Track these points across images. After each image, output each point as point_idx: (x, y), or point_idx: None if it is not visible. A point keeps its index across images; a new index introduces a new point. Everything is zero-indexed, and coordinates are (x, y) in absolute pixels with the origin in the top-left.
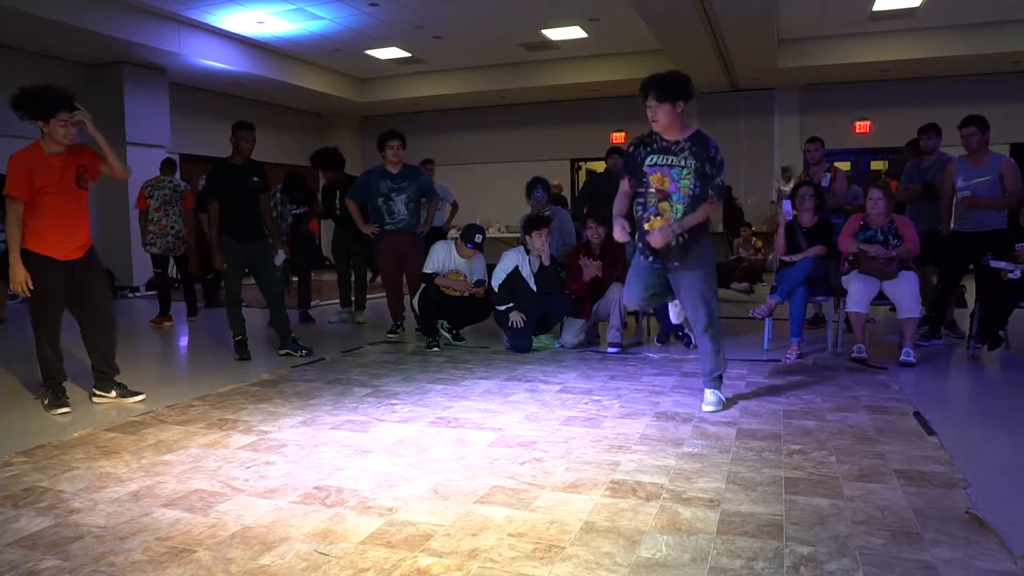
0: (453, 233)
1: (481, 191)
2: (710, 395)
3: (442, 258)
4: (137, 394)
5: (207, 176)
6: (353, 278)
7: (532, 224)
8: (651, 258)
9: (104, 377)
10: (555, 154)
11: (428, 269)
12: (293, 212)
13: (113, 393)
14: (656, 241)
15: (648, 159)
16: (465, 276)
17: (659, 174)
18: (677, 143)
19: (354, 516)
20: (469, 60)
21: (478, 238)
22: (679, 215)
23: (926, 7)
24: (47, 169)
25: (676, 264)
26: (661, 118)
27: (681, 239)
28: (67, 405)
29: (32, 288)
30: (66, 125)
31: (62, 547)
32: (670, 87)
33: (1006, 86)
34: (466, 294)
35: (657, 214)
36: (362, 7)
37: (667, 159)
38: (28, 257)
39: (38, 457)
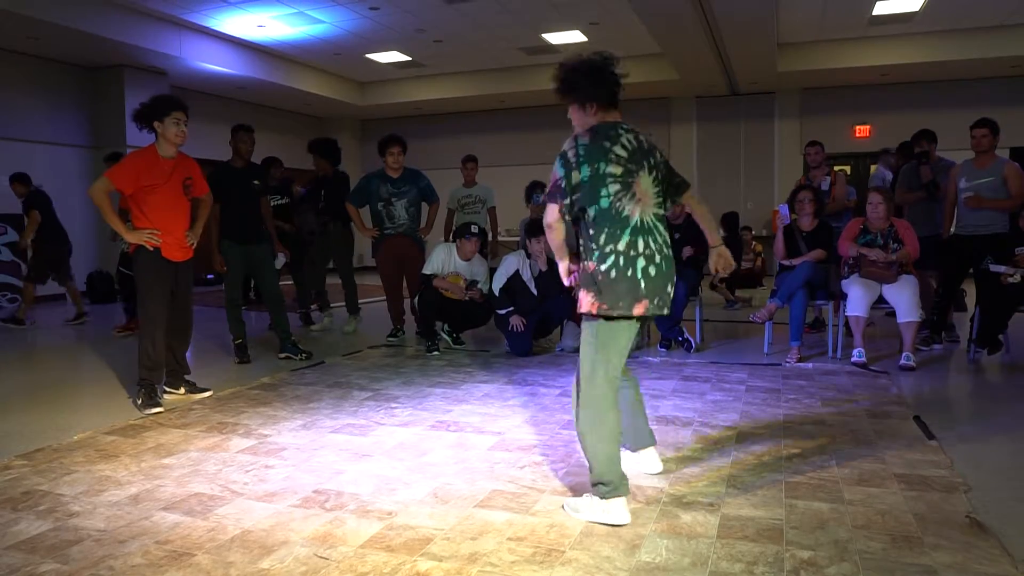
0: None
1: None
2: (586, 497)
3: (442, 260)
4: (205, 391)
5: (208, 179)
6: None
7: (534, 229)
8: None
9: (175, 374)
10: (555, 157)
11: (427, 270)
12: (274, 202)
13: (182, 390)
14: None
15: None
16: (465, 279)
17: None
18: None
19: (354, 520)
20: (469, 64)
21: (474, 228)
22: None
23: (926, 11)
24: (158, 169)
25: None
26: (574, 120)
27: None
28: (160, 405)
29: (140, 285)
30: (179, 123)
31: (61, 551)
32: (572, 85)
33: (1006, 90)
34: (465, 298)
35: None
36: (362, 11)
37: None
38: (139, 253)
39: (38, 460)
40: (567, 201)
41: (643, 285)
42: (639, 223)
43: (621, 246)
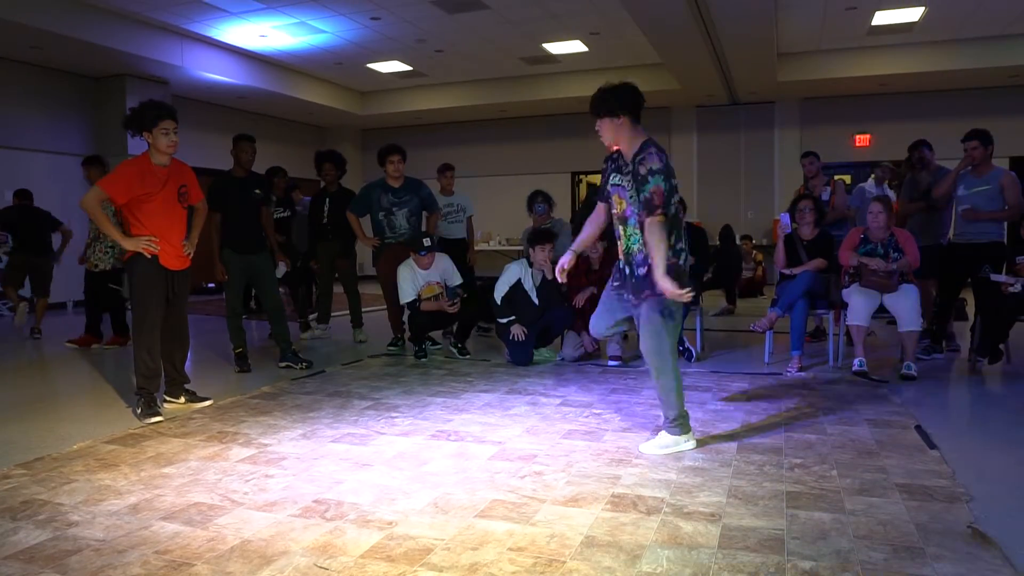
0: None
1: (482, 204)
2: (662, 436)
3: (410, 280)
4: (205, 400)
5: (209, 188)
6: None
7: (536, 238)
8: (616, 284)
9: (175, 383)
10: (556, 167)
11: (405, 299)
12: (277, 215)
13: (182, 399)
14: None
15: (611, 178)
16: (439, 282)
17: (617, 195)
18: (628, 162)
19: (354, 530)
20: (470, 73)
21: (427, 242)
22: (633, 241)
23: (925, 22)
24: (151, 177)
25: (630, 297)
26: (603, 134)
27: (629, 270)
28: (159, 414)
29: (136, 293)
30: (168, 133)
31: (60, 560)
32: (602, 101)
33: (1005, 100)
34: (449, 308)
35: (619, 238)
36: (364, 21)
37: (620, 179)
38: (135, 261)
39: (37, 469)
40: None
41: (688, 271)
42: (684, 225)
43: (682, 244)
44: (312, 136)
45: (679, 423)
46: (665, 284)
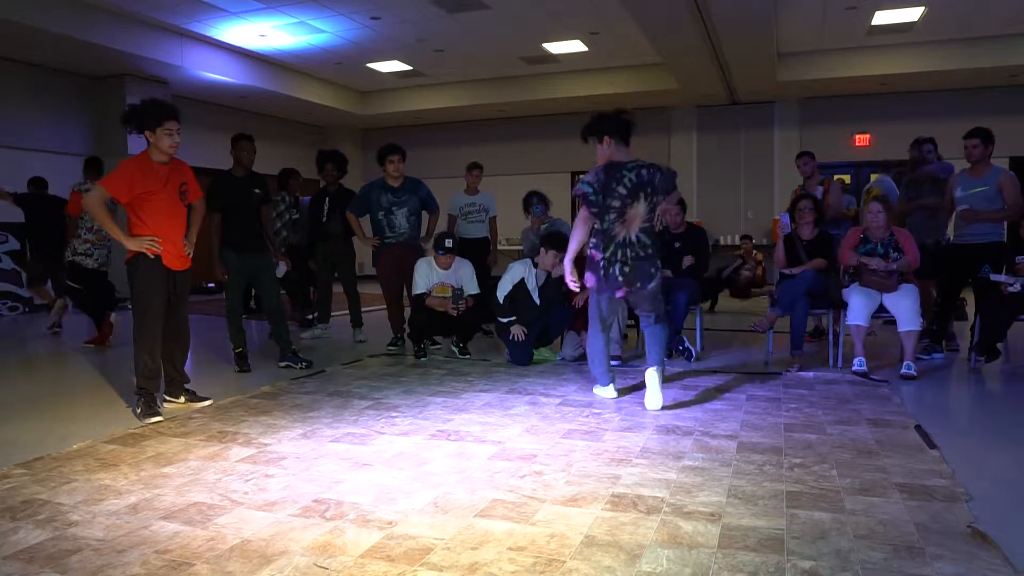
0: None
1: None
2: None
3: (425, 275)
4: (205, 400)
5: (209, 188)
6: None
7: (554, 242)
8: None
9: (174, 383)
10: (555, 167)
11: (418, 290)
12: (291, 217)
13: (182, 399)
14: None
15: None
16: (452, 286)
17: None
18: None
19: (354, 529)
20: (470, 73)
21: (448, 243)
22: None
23: (925, 21)
24: (153, 175)
25: None
26: (598, 157)
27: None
28: (159, 414)
29: (138, 294)
30: (171, 134)
31: (60, 560)
32: (588, 126)
33: (1005, 100)
34: (453, 312)
35: None
36: (364, 21)
37: None
38: (137, 261)
39: (37, 469)
40: (595, 209)
41: (621, 280)
42: (623, 240)
43: (608, 254)
44: (312, 136)
45: (599, 380)
46: (565, 265)
